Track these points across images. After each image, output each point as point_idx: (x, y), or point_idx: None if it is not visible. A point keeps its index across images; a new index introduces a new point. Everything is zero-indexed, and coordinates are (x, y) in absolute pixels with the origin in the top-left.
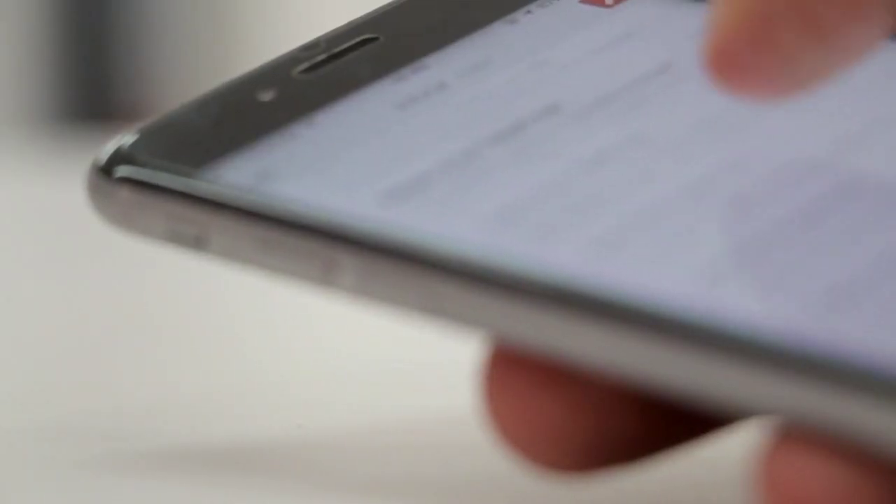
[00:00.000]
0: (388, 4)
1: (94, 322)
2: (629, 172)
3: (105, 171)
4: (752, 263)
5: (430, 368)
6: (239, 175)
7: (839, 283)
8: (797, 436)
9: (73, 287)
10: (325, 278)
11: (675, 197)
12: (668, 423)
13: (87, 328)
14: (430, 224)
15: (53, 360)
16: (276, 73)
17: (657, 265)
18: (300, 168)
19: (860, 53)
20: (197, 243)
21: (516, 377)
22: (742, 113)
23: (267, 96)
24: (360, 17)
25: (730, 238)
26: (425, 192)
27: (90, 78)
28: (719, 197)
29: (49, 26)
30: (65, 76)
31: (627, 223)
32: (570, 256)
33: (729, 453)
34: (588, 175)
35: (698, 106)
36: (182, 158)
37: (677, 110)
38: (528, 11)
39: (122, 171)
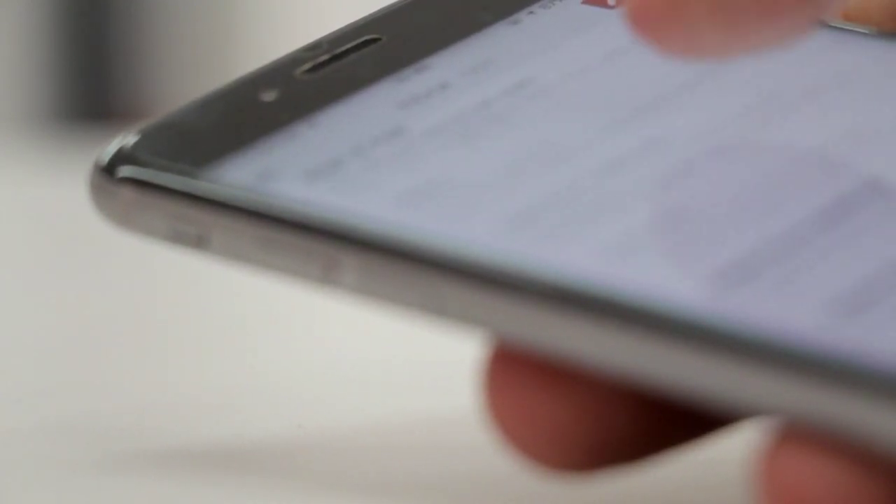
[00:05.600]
0: (391, 5)
1: (94, 322)
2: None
3: (107, 170)
4: (756, 266)
5: (430, 368)
6: (241, 175)
7: (841, 283)
8: (798, 435)
9: (72, 287)
10: (326, 277)
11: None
12: (669, 422)
13: (87, 328)
14: (432, 223)
15: (53, 360)
16: (278, 73)
17: (658, 266)
18: (302, 168)
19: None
20: (198, 243)
21: (517, 376)
22: (757, 116)
23: (269, 96)
24: (363, 18)
25: (734, 240)
26: (425, 190)
27: (90, 78)
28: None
29: (49, 26)
30: (65, 76)
31: (632, 224)
32: (571, 256)
33: (730, 453)
34: (585, 176)
35: (699, 102)
36: (184, 158)
37: (677, 110)
38: (531, 12)
39: (125, 170)
